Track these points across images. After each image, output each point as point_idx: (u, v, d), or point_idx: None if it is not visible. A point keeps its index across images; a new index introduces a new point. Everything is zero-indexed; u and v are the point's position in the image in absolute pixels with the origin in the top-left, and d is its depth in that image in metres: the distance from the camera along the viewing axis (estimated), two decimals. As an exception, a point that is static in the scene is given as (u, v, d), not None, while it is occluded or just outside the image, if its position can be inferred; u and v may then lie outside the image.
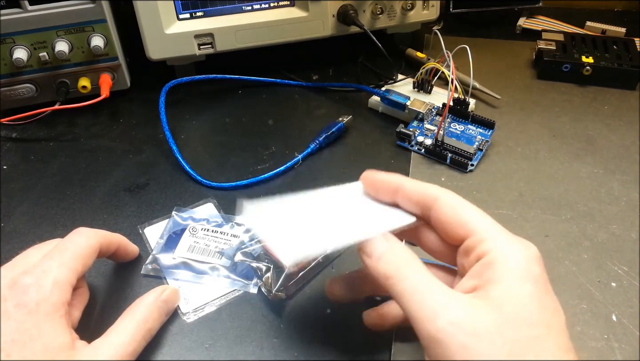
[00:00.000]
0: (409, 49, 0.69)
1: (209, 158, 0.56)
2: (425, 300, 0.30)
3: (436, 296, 0.30)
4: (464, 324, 0.28)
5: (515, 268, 0.30)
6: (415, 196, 0.35)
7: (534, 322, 0.28)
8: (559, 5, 0.78)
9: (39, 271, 0.35)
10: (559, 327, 0.29)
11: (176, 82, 0.58)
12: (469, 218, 0.33)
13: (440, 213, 0.34)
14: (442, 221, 0.34)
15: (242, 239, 0.47)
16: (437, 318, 0.28)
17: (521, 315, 0.28)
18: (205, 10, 0.60)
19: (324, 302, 0.43)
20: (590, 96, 0.64)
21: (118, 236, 0.44)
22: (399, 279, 0.31)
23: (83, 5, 0.55)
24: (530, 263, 0.30)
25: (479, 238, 0.32)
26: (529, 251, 0.31)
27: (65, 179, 0.54)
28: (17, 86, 0.58)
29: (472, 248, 0.32)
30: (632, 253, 0.46)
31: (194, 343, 0.41)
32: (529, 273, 0.30)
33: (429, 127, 0.57)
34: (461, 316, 0.28)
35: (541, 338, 0.28)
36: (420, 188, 0.35)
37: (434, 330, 0.28)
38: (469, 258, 0.32)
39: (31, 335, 0.33)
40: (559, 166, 0.55)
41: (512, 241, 0.31)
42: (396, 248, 0.33)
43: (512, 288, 0.29)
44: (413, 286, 0.30)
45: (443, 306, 0.29)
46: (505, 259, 0.30)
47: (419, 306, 0.29)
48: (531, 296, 0.29)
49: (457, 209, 0.33)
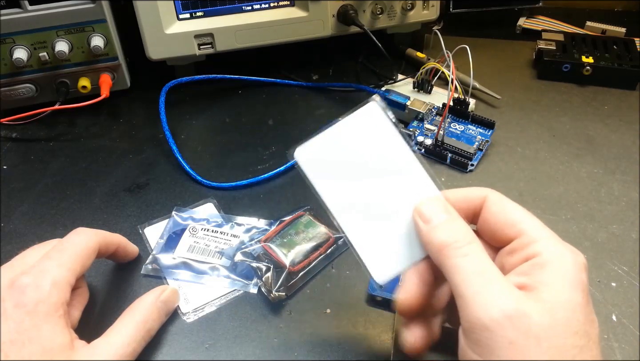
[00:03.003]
0: (409, 49, 0.69)
1: (209, 158, 0.56)
2: (484, 284, 0.28)
3: (495, 283, 0.29)
4: (518, 320, 0.27)
5: (567, 273, 0.29)
6: (461, 202, 0.33)
7: (579, 332, 0.28)
8: (559, 5, 0.78)
9: (38, 272, 0.35)
10: (595, 339, 0.29)
11: (176, 82, 0.58)
12: (519, 219, 0.32)
13: (489, 213, 0.33)
14: (490, 221, 0.33)
15: (242, 239, 0.47)
16: (492, 306, 0.28)
17: (570, 323, 0.28)
18: (205, 10, 0.60)
19: (324, 302, 0.43)
20: (590, 96, 0.64)
21: (117, 236, 0.43)
22: (457, 253, 0.30)
23: (83, 5, 0.55)
24: (579, 271, 0.30)
25: (530, 239, 0.31)
26: (579, 258, 0.30)
27: (65, 179, 0.54)
28: (17, 86, 0.58)
29: (520, 249, 0.31)
30: (632, 253, 0.46)
31: (194, 343, 0.41)
32: (579, 281, 0.29)
33: (429, 127, 0.57)
34: (517, 311, 0.27)
35: (582, 349, 0.28)
36: (464, 193, 0.34)
37: (487, 318, 0.27)
38: (513, 257, 0.31)
39: (30, 335, 0.33)
40: (559, 166, 0.55)
41: (563, 246, 0.31)
42: (458, 220, 0.32)
43: (564, 294, 0.29)
44: (473, 265, 0.29)
45: (501, 295, 0.28)
46: (558, 263, 0.29)
47: (476, 289, 0.28)
48: (580, 305, 0.28)
49: (507, 209, 0.32)
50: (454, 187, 0.35)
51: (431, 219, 0.32)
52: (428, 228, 0.32)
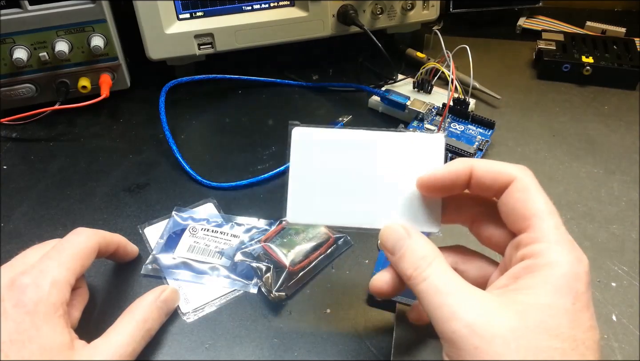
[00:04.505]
0: (409, 49, 0.69)
1: (209, 158, 0.56)
2: (443, 301, 0.29)
3: (454, 297, 0.29)
4: (479, 326, 0.28)
5: (554, 280, 0.29)
6: (489, 177, 0.32)
7: (560, 335, 0.28)
8: (559, 5, 0.78)
9: (37, 271, 0.35)
10: (589, 345, 0.28)
11: (176, 82, 0.58)
12: (533, 213, 0.31)
13: (510, 197, 0.32)
14: (509, 205, 0.32)
15: (242, 239, 0.47)
16: (453, 319, 0.28)
17: (546, 325, 0.28)
18: (205, 10, 0.60)
19: (324, 302, 0.43)
20: (590, 96, 0.64)
21: (117, 236, 0.43)
22: (419, 280, 0.31)
23: (83, 5, 0.55)
24: (574, 279, 0.29)
25: (534, 237, 0.30)
26: (579, 268, 0.29)
27: (65, 179, 0.54)
28: (17, 86, 0.58)
29: (525, 244, 0.31)
30: (632, 253, 0.46)
31: (194, 343, 0.41)
32: (570, 289, 0.29)
33: (429, 127, 0.57)
34: (477, 319, 0.28)
35: (565, 352, 0.27)
36: (495, 168, 0.32)
37: (449, 331, 0.28)
38: (517, 251, 0.31)
39: (30, 335, 0.33)
40: (559, 166, 0.55)
41: (566, 252, 0.30)
42: (417, 245, 0.32)
43: (546, 298, 0.28)
44: (433, 287, 0.30)
45: (460, 307, 0.29)
46: (548, 269, 0.29)
47: (437, 307, 0.29)
48: (565, 310, 0.28)
49: (528, 198, 0.31)
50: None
51: (394, 252, 0.33)
52: (395, 259, 0.33)
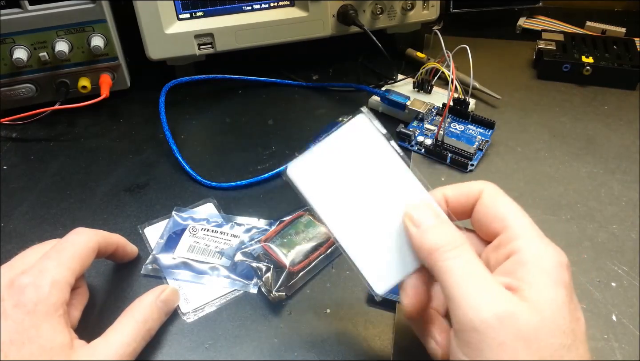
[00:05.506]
0: (409, 49, 0.69)
1: (209, 158, 0.56)
2: (474, 286, 0.28)
3: (485, 284, 0.29)
4: (507, 321, 0.27)
5: (548, 271, 0.29)
6: (460, 197, 0.34)
7: (566, 331, 0.28)
8: (559, 5, 0.78)
9: (37, 271, 0.35)
10: (581, 337, 0.29)
11: (176, 82, 0.58)
12: (506, 214, 0.32)
13: (481, 206, 0.33)
14: (481, 213, 0.33)
15: (242, 239, 0.47)
16: (483, 307, 0.28)
17: (557, 322, 0.28)
18: (205, 10, 0.60)
19: (324, 302, 0.43)
20: (590, 96, 0.64)
21: (117, 237, 0.43)
22: (447, 256, 0.30)
23: (83, 5, 0.55)
24: (561, 269, 0.30)
25: (513, 235, 0.31)
26: (561, 257, 0.30)
27: (65, 179, 0.54)
28: (17, 86, 0.58)
29: (504, 245, 0.31)
30: (632, 253, 0.46)
31: (194, 343, 0.41)
32: (561, 279, 0.29)
33: (429, 127, 0.57)
34: (506, 313, 0.27)
35: (569, 348, 0.28)
36: (463, 188, 0.34)
37: (477, 319, 0.27)
38: (497, 253, 0.31)
39: (29, 335, 0.33)
40: (559, 166, 0.55)
41: (545, 244, 0.30)
42: (447, 224, 0.32)
43: (549, 292, 0.28)
44: (462, 268, 0.29)
45: (491, 297, 0.28)
46: (538, 261, 0.29)
47: (466, 291, 0.28)
48: (565, 303, 0.28)
49: (498, 203, 0.32)
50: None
51: (421, 223, 0.32)
52: (419, 231, 0.32)
